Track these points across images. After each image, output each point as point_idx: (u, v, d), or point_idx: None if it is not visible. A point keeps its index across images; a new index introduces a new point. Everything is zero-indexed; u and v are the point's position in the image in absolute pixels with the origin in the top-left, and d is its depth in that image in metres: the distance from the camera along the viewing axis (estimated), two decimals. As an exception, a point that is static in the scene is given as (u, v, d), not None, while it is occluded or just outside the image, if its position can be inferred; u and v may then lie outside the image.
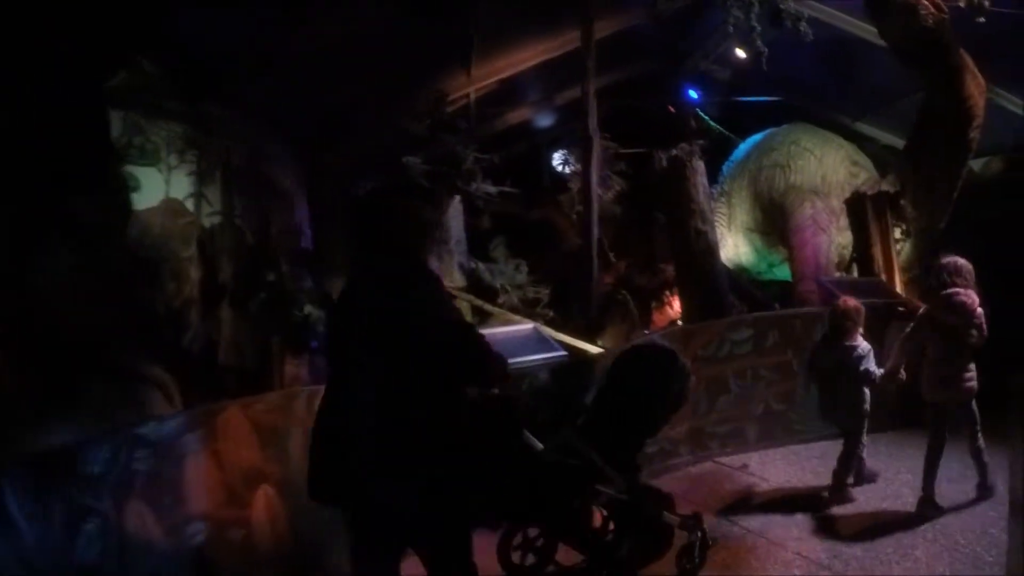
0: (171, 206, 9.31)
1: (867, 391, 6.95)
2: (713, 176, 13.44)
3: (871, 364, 6.83)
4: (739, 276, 13.62)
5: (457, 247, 10.49)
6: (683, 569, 5.41)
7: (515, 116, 14.34)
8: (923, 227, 10.34)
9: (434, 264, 9.30)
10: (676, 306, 13.52)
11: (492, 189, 10.23)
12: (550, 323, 9.98)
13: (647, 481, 5.55)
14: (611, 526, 5.16)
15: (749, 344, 8.56)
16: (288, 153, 10.88)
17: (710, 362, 8.34)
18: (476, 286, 10.70)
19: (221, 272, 9.57)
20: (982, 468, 6.77)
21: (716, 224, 12.76)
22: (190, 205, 9.54)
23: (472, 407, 4.01)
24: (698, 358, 8.10)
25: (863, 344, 6.89)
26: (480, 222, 11.08)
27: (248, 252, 9.52)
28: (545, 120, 14.77)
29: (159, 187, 9.24)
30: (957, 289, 6.43)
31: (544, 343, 7.13)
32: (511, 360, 5.18)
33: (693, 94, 14.89)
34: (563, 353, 7.02)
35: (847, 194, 11.84)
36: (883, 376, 6.85)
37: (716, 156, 14.08)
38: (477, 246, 11.23)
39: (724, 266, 11.40)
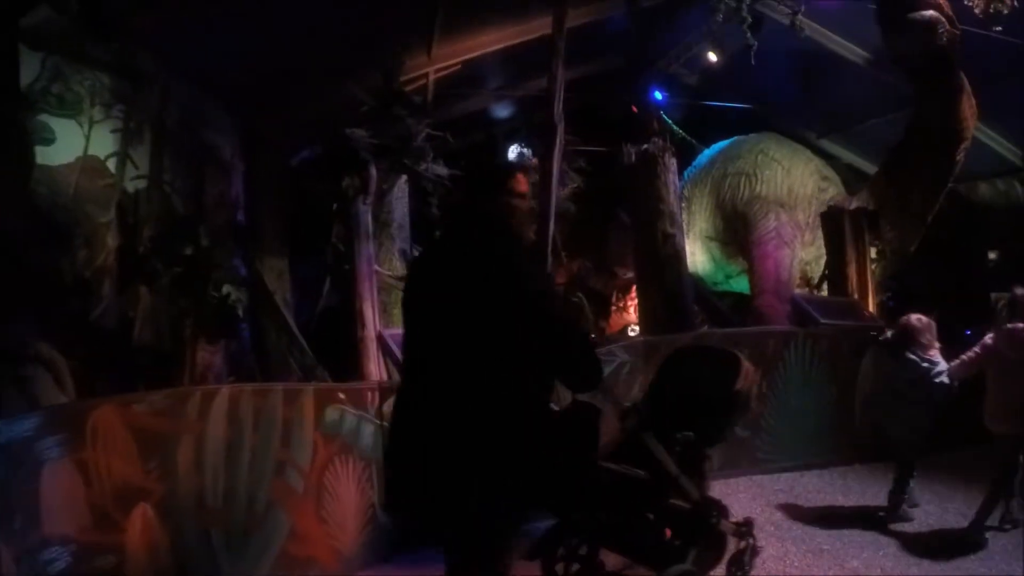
0: (89, 164, 8.16)
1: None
2: (674, 181, 12.34)
3: (946, 379, 6.33)
4: (700, 285, 12.58)
5: (399, 232, 9.06)
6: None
7: (474, 103, 13.16)
8: (896, 248, 9.44)
9: (373, 248, 8.08)
10: (633, 311, 12.46)
11: (443, 171, 8.88)
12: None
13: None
14: (673, 535, 4.81)
15: (717, 362, 7.44)
16: (229, 118, 9.62)
17: (673, 379, 7.17)
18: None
19: (144, 242, 8.31)
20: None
21: (676, 230, 11.66)
22: (112, 165, 8.34)
23: (556, 412, 3.39)
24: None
25: (942, 361, 6.36)
26: (427, 207, 9.73)
27: (175, 222, 8.21)
28: (505, 110, 13.61)
29: (78, 142, 8.04)
30: (1020, 324, 5.98)
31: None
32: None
33: (658, 95, 13.82)
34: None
35: (814, 208, 11.14)
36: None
37: (677, 162, 13.02)
38: (422, 232, 9.92)
39: (690, 274, 10.30)
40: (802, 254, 11.67)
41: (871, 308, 9.11)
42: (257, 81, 9.07)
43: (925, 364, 6.34)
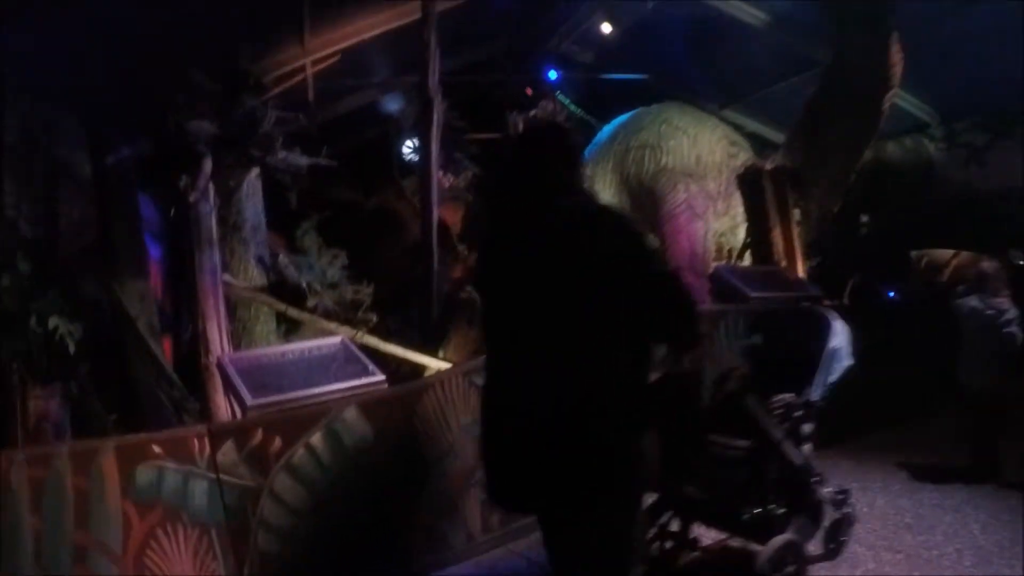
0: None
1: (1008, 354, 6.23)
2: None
3: (1015, 328, 6.15)
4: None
5: (253, 235, 7.62)
6: (829, 549, 4.91)
7: (362, 97, 11.88)
8: (819, 208, 8.46)
9: (219, 257, 6.74)
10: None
11: (302, 160, 7.48)
12: (376, 331, 7.56)
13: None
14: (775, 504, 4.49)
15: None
16: (84, 130, 8.20)
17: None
18: (279, 285, 7.96)
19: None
20: None
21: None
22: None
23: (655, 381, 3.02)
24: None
25: (1012, 308, 6.22)
26: (286, 203, 8.31)
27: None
28: (396, 103, 12.34)
29: None
30: None
31: (353, 364, 4.83)
32: (300, 393, 4.67)
33: (552, 75, 12.72)
34: (378, 378, 4.78)
35: (725, 176, 10.22)
36: None
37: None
38: (285, 232, 8.55)
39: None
40: (716, 225, 10.65)
41: (801, 275, 8.06)
42: (108, 84, 7.73)
43: (990, 312, 6.19)
